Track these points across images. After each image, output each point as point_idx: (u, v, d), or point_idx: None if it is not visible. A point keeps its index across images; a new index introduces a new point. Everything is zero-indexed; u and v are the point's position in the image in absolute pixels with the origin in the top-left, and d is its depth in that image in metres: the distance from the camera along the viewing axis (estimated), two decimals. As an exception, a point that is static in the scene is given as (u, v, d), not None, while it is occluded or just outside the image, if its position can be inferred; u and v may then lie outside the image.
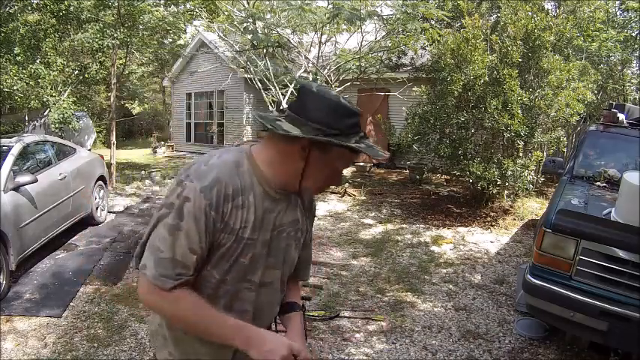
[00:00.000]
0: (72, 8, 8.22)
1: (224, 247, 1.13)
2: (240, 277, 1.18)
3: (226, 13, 8.83)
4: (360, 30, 8.18)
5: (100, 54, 9.09)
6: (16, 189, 4.33)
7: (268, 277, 1.23)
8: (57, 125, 8.26)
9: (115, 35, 8.28)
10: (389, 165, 11.23)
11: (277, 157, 1.16)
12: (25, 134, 6.57)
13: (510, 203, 7.04)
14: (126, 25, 8.68)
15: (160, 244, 1.08)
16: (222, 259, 1.14)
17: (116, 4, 8.56)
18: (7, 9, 8.11)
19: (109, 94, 10.82)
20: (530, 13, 6.62)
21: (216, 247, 1.12)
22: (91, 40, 8.32)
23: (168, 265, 1.08)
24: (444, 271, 4.86)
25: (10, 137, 5.29)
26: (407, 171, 9.93)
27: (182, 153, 15.21)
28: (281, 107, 9.64)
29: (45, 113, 9.00)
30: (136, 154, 15.06)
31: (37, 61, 8.62)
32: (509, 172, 6.06)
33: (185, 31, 10.34)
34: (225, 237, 1.12)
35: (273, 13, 8.46)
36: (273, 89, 9.52)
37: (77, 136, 9.98)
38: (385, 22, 8.13)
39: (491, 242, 5.84)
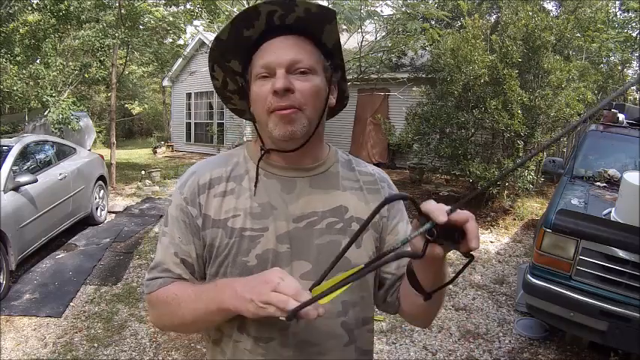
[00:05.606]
0: (72, 8, 8.23)
1: (215, 245, 0.91)
2: None
3: (226, 13, 8.83)
4: (360, 30, 8.18)
5: (101, 52, 9.09)
6: (16, 189, 4.33)
7: None
8: (56, 126, 8.27)
9: (116, 35, 8.29)
10: (389, 165, 11.23)
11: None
12: (25, 134, 6.57)
13: (510, 203, 7.04)
14: (126, 25, 8.68)
15: (155, 255, 0.99)
16: (222, 264, 0.91)
17: (116, 4, 8.56)
18: (7, 9, 8.11)
19: (109, 94, 10.82)
20: (530, 14, 6.63)
21: (208, 249, 0.92)
22: (92, 39, 8.32)
23: (155, 270, 0.96)
24: (444, 271, 4.86)
25: (10, 137, 5.30)
26: (407, 171, 9.93)
27: (182, 153, 15.22)
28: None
29: (45, 113, 9.00)
30: (136, 154, 15.05)
31: (37, 61, 8.62)
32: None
33: (185, 31, 10.34)
34: (210, 232, 0.91)
35: (273, 12, 8.46)
36: (273, 89, 9.50)
37: (77, 136, 9.97)
38: (385, 22, 8.12)
39: (491, 242, 5.84)
